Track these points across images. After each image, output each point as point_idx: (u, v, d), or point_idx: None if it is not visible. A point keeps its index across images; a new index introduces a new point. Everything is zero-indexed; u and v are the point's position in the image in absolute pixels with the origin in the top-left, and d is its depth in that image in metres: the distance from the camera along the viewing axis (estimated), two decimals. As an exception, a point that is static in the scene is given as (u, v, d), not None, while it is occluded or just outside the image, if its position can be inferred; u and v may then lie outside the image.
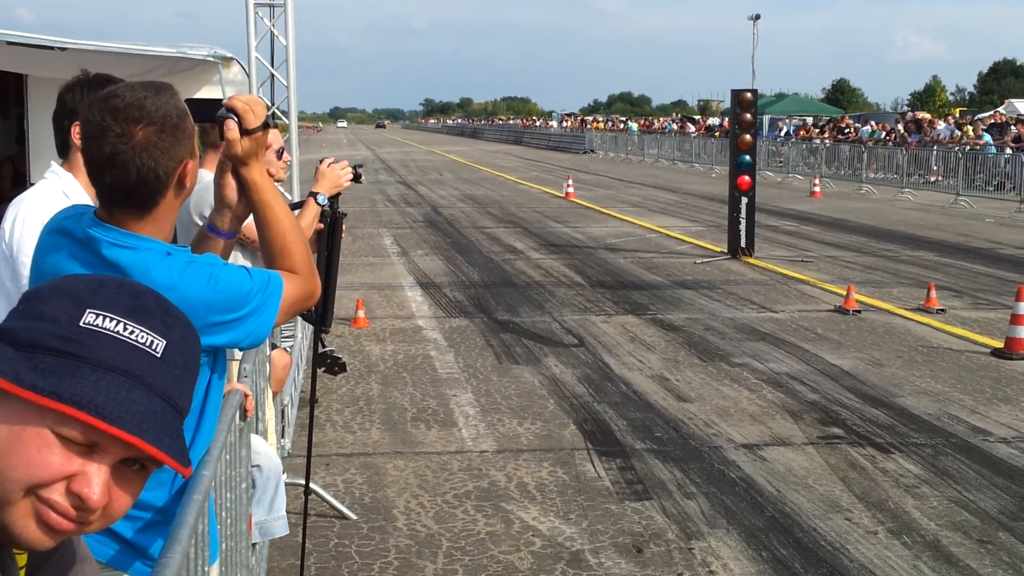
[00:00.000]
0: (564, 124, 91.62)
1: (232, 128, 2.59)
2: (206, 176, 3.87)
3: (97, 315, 1.35)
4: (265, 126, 2.63)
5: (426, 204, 27.22)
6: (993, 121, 34.81)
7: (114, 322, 1.35)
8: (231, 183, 2.69)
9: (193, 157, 2.48)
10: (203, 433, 2.59)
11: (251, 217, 2.73)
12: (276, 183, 3.76)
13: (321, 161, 4.77)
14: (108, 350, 1.33)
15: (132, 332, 1.36)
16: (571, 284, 14.20)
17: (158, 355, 1.37)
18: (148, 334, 1.37)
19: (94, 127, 2.36)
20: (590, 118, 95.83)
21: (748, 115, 16.53)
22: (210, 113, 2.62)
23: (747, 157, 16.44)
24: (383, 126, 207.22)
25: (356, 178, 4.81)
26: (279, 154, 4.83)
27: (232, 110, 2.60)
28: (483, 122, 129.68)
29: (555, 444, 7.32)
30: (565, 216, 23.66)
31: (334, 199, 4.72)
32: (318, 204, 4.64)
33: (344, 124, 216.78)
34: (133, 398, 1.32)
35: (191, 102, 2.50)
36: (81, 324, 1.34)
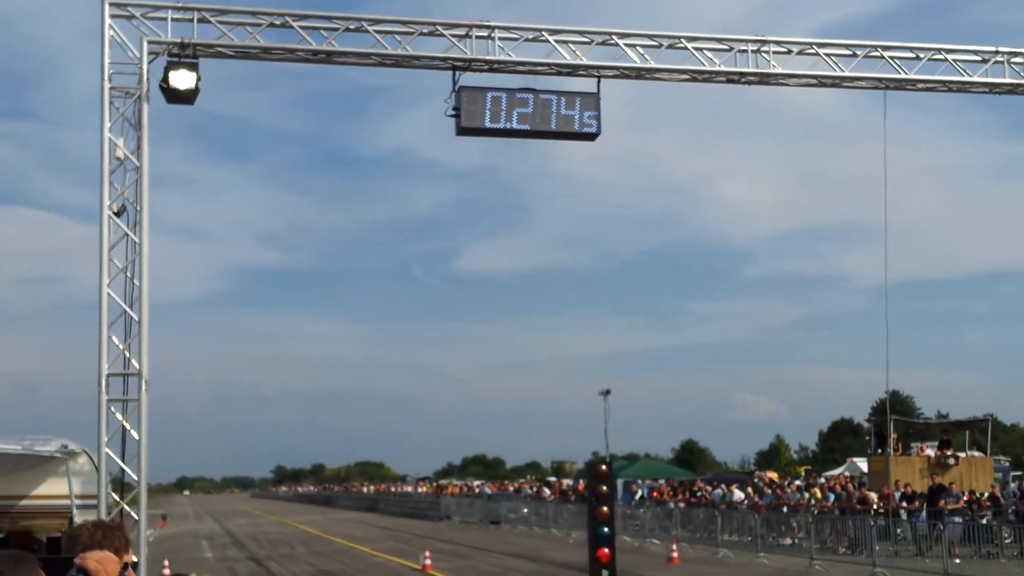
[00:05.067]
0: (419, 489, 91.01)
1: None
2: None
3: None
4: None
5: (278, 582, 26.33)
6: (837, 482, 35.89)
7: None
8: None
9: None
10: None
11: None
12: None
13: None
14: None
15: None
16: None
17: None
18: None
19: None
20: (445, 482, 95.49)
21: (604, 487, 16.64)
22: (62, 573, 2.47)
23: (605, 529, 16.39)
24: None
25: None
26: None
27: (84, 570, 2.46)
28: (336, 489, 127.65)
29: None
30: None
31: None
32: None
33: (187, 493, 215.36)
34: None
35: (44, 561, 2.35)
36: None
